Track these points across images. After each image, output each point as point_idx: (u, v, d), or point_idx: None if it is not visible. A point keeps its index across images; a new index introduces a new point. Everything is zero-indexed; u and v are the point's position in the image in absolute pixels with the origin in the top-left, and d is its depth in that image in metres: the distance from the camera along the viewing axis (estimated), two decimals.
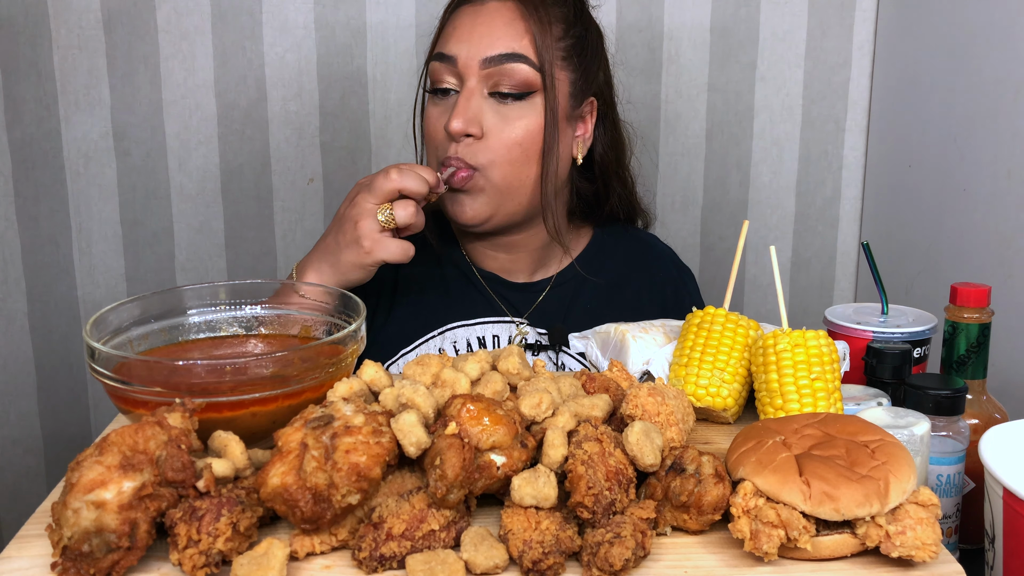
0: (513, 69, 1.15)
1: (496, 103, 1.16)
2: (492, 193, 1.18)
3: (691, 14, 1.80)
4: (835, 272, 1.94)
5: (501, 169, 1.17)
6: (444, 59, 1.17)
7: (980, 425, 0.97)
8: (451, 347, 1.25)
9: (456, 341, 1.25)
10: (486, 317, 1.27)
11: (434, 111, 1.20)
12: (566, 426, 0.73)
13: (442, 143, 1.18)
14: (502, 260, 1.29)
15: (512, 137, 1.16)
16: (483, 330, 1.26)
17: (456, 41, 1.16)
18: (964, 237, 1.52)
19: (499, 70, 1.15)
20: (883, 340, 1.05)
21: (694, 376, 0.91)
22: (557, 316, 1.28)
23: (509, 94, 1.16)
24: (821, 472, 0.68)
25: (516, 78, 1.15)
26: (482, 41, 1.15)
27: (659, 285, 1.35)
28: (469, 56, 1.15)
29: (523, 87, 1.16)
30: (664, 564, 0.68)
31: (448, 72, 1.17)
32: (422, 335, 1.25)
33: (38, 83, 1.72)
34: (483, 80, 1.16)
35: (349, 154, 1.80)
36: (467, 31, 1.16)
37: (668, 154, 1.86)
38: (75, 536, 0.63)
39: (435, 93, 1.19)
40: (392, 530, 0.67)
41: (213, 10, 1.73)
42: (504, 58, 1.15)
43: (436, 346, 1.25)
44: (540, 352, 1.25)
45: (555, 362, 1.23)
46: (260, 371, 0.76)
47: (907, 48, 1.71)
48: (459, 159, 1.15)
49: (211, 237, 1.82)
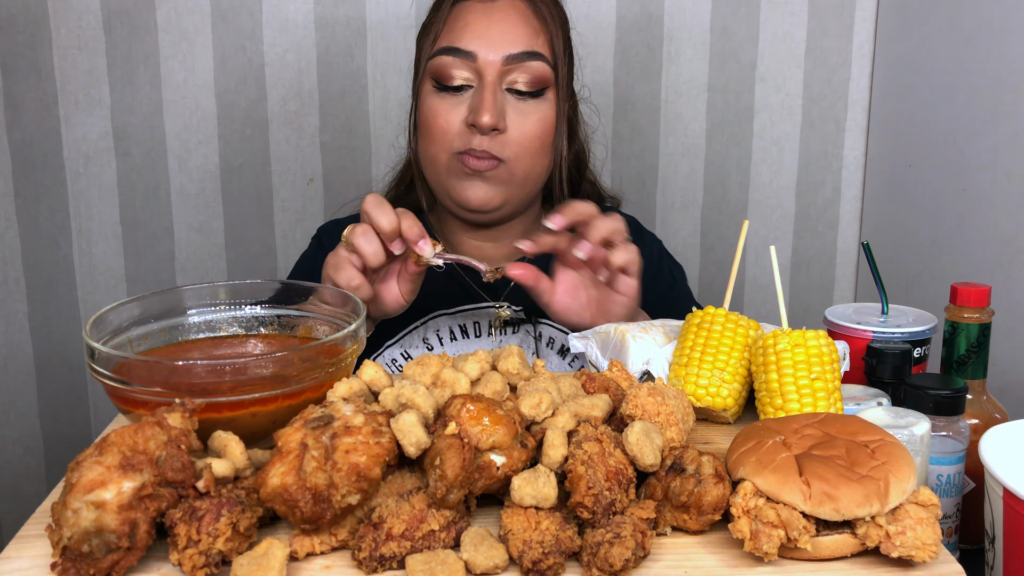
0: (532, 66, 1.18)
1: (514, 99, 1.19)
2: (512, 184, 1.21)
3: (691, 14, 1.80)
4: (835, 272, 1.94)
5: (523, 162, 1.21)
6: (460, 54, 1.17)
7: (980, 425, 0.97)
8: (434, 336, 1.27)
9: (439, 330, 1.27)
10: (466, 304, 1.29)
11: (442, 105, 1.20)
12: (566, 426, 0.73)
13: (458, 136, 1.19)
14: (478, 247, 1.32)
15: (532, 131, 1.20)
16: (464, 318, 1.28)
17: (472, 37, 1.17)
18: (964, 237, 1.52)
19: (519, 67, 1.18)
20: (883, 340, 1.05)
21: (694, 376, 0.91)
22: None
23: (527, 92, 1.19)
24: (821, 472, 0.68)
25: (534, 75, 1.18)
26: (503, 38, 1.17)
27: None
28: (490, 52, 1.17)
29: (540, 83, 1.19)
30: (664, 564, 0.68)
31: (464, 67, 1.18)
32: (404, 327, 1.27)
33: (38, 83, 1.72)
34: (501, 76, 1.18)
35: (349, 154, 1.80)
36: (483, 27, 1.18)
37: (668, 154, 1.86)
38: (75, 536, 0.63)
39: (445, 89, 1.20)
40: (392, 530, 0.67)
41: (213, 10, 1.73)
42: (525, 56, 1.18)
43: (420, 336, 1.26)
44: (519, 326, 1.27)
45: (533, 335, 1.26)
46: (260, 371, 0.76)
47: (907, 48, 1.71)
48: (485, 151, 1.18)
49: (211, 237, 1.82)
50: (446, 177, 1.22)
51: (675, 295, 1.36)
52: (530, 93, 1.19)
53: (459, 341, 1.27)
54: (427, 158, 1.24)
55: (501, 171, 1.19)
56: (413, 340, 1.26)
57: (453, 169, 1.20)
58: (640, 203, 1.88)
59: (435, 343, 1.27)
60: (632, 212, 1.86)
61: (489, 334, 1.27)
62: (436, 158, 1.22)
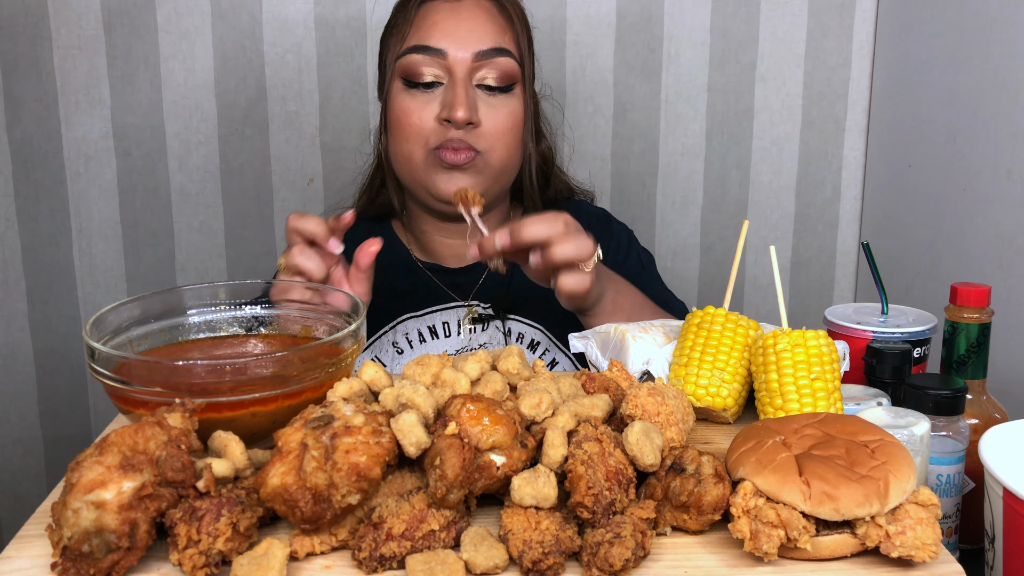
0: (500, 63, 1.21)
1: (484, 94, 1.22)
2: (489, 174, 1.24)
3: (691, 14, 1.80)
4: (835, 272, 1.94)
5: (498, 153, 1.23)
6: (429, 52, 1.20)
7: (980, 425, 0.97)
8: (403, 339, 1.28)
9: (408, 333, 1.28)
10: (434, 306, 1.30)
11: (413, 103, 1.22)
12: (566, 426, 0.73)
13: (432, 132, 1.21)
14: (450, 246, 1.33)
15: (504, 124, 1.23)
16: (433, 319, 1.29)
17: (442, 35, 1.20)
18: (964, 237, 1.52)
19: (488, 63, 1.21)
20: (883, 340, 1.05)
21: (694, 376, 0.91)
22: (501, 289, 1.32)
23: (496, 87, 1.22)
24: (821, 472, 0.68)
25: (502, 71, 1.22)
26: (472, 35, 1.20)
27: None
28: (460, 49, 1.20)
29: (508, 79, 1.23)
30: (664, 564, 0.68)
31: (433, 64, 1.20)
32: (374, 332, 1.28)
33: (38, 83, 1.72)
34: (471, 72, 1.20)
35: (349, 154, 1.80)
36: (451, 25, 1.20)
37: (668, 154, 1.86)
38: (75, 536, 0.63)
39: (415, 86, 1.22)
40: (392, 530, 0.67)
41: (213, 10, 1.73)
42: (494, 52, 1.21)
43: (389, 340, 1.27)
44: (488, 323, 1.28)
45: (503, 331, 1.28)
46: (260, 371, 0.76)
47: (907, 48, 1.71)
48: (462, 141, 1.20)
49: (211, 237, 1.82)
50: (424, 173, 1.23)
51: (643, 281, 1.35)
52: (499, 88, 1.22)
53: (428, 342, 1.28)
54: (401, 156, 1.25)
55: (478, 162, 1.22)
56: (383, 344, 1.27)
57: (430, 164, 1.22)
58: (640, 203, 1.88)
59: (404, 346, 1.27)
60: (632, 212, 1.87)
61: (459, 333, 1.28)
62: (411, 155, 1.23)
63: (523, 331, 1.29)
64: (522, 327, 1.29)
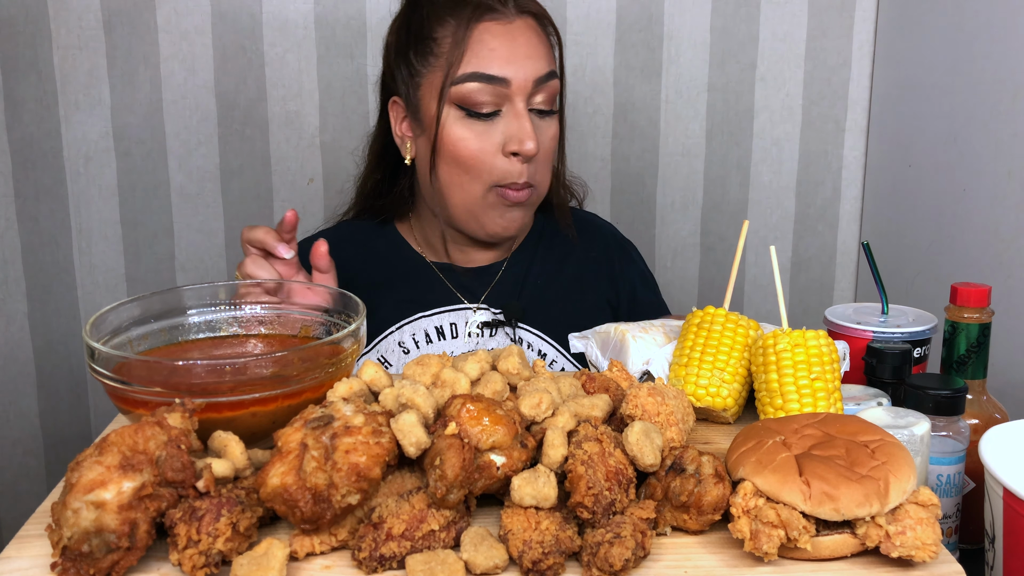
0: (551, 85, 1.19)
1: (536, 118, 1.19)
2: (535, 203, 1.25)
3: (691, 14, 1.80)
4: (835, 272, 1.94)
5: (543, 178, 1.24)
6: (492, 80, 1.14)
7: (980, 425, 0.97)
8: (410, 339, 1.26)
9: (415, 333, 1.26)
10: (443, 307, 1.29)
11: (470, 132, 1.17)
12: (566, 426, 0.73)
13: (496, 167, 1.17)
14: (462, 250, 1.31)
15: (551, 148, 1.23)
16: (440, 319, 1.27)
17: (503, 62, 1.15)
18: (964, 237, 1.52)
19: (543, 88, 1.18)
20: (883, 340, 1.05)
21: (694, 376, 0.91)
22: (512, 295, 1.30)
23: (546, 110, 1.20)
24: (821, 472, 0.68)
25: (552, 93, 1.20)
26: (529, 61, 1.16)
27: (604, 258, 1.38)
28: (523, 78, 1.15)
29: (555, 101, 1.21)
30: (664, 564, 0.68)
31: (494, 94, 1.15)
32: (381, 331, 1.27)
33: (38, 83, 1.72)
34: (527, 99, 1.17)
35: (349, 154, 1.80)
36: (509, 51, 1.15)
37: (668, 154, 1.86)
38: (75, 536, 0.63)
39: (474, 116, 1.16)
40: (392, 530, 0.67)
41: (213, 10, 1.73)
42: (549, 76, 1.19)
43: (396, 340, 1.26)
44: (497, 329, 1.27)
45: (512, 338, 1.27)
46: (260, 371, 0.76)
47: (907, 48, 1.71)
48: (526, 182, 1.19)
49: (211, 237, 1.82)
50: (480, 208, 1.20)
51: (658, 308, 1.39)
52: (548, 111, 1.20)
53: (435, 343, 1.27)
54: (454, 186, 1.20)
55: (532, 196, 1.22)
56: (389, 344, 1.26)
57: (490, 202, 1.20)
58: (640, 203, 1.88)
59: (411, 346, 1.26)
60: (632, 212, 1.87)
61: (468, 335, 1.27)
62: (469, 188, 1.19)
63: (531, 341, 1.27)
64: (532, 337, 1.27)
